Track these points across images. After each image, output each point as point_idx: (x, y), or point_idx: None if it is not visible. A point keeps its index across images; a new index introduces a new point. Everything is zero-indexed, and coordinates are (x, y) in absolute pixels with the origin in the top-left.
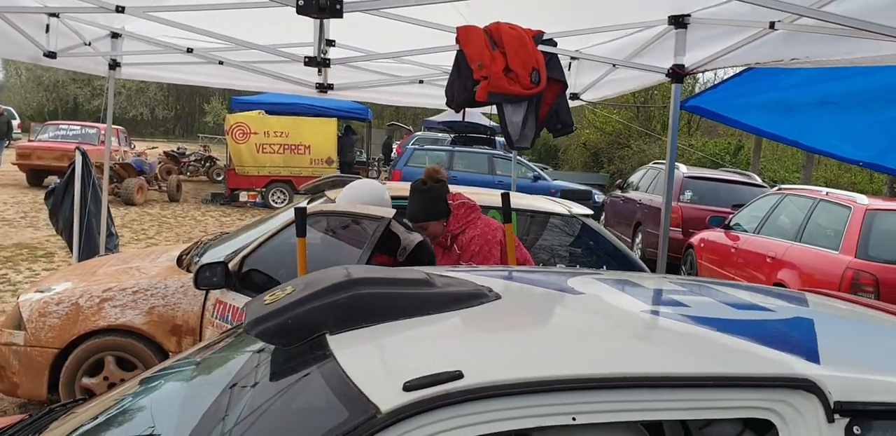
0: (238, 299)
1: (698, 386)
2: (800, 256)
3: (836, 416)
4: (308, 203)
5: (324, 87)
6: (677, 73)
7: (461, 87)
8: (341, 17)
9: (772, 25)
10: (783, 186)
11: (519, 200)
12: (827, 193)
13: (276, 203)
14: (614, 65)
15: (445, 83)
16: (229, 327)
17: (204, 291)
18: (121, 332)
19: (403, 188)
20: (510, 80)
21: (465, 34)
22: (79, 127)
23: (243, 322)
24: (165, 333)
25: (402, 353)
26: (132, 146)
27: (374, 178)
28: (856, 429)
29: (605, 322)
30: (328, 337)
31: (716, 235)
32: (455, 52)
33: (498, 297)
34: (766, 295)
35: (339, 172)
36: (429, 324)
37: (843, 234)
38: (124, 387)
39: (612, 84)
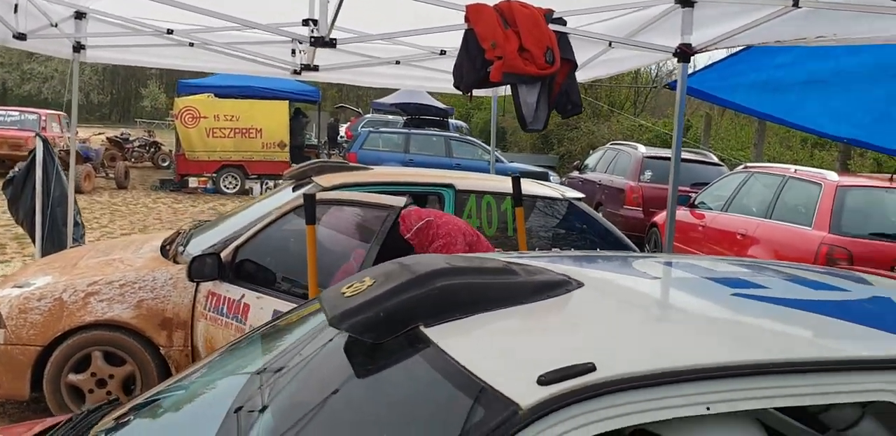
0: (232, 291)
1: (823, 371)
2: (772, 232)
3: None
4: (294, 190)
5: (309, 68)
6: (685, 53)
7: (470, 68)
8: None
9: (796, 3)
10: (749, 163)
11: (507, 185)
12: (795, 171)
13: (228, 189)
14: (610, 43)
15: (432, 64)
16: (224, 319)
17: (194, 283)
18: (108, 326)
19: (389, 174)
20: (525, 61)
21: (475, 12)
22: (17, 113)
23: (325, 316)
24: (155, 326)
25: (516, 345)
26: (75, 133)
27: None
28: None
29: (708, 306)
30: (424, 330)
31: (680, 213)
32: (463, 32)
33: (581, 284)
34: (825, 274)
35: (289, 156)
36: (528, 314)
37: (815, 210)
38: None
39: (605, 64)
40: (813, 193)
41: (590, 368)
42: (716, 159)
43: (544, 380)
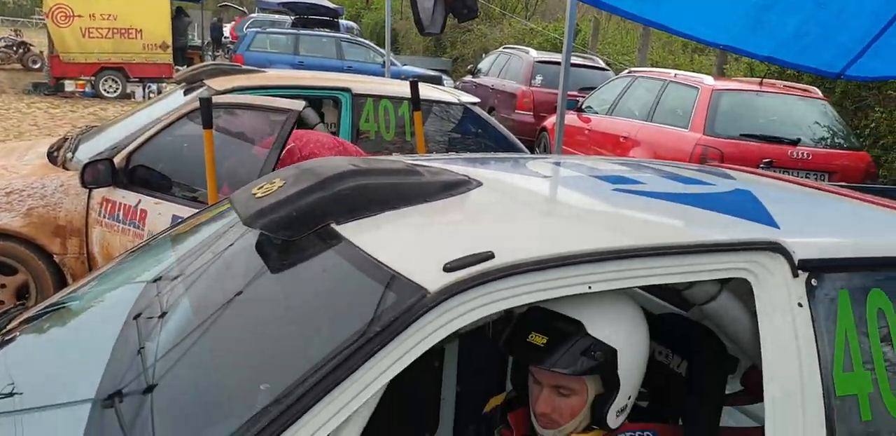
0: (128, 197)
1: (686, 253)
2: (651, 134)
3: (799, 272)
4: (185, 94)
5: None
6: None
7: None
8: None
9: None
10: (633, 68)
11: (405, 89)
12: (675, 75)
13: (108, 93)
14: None
15: None
16: (121, 226)
17: (87, 190)
18: None
19: (284, 77)
20: None
21: None
22: None
23: (238, 216)
24: (48, 234)
25: (423, 238)
26: None
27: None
28: (813, 281)
29: (591, 201)
30: (335, 227)
31: (568, 117)
32: None
33: (480, 183)
34: (696, 170)
35: (172, 58)
36: (432, 211)
37: (691, 113)
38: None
39: None
40: (690, 96)
41: (489, 255)
42: (603, 64)
43: (449, 267)
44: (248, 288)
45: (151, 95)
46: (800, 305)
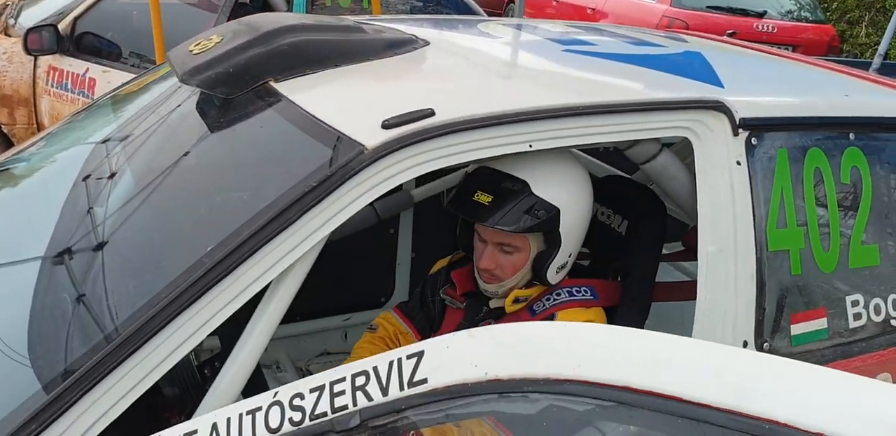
0: (76, 65)
1: (630, 111)
2: (619, 6)
3: (740, 130)
4: None
5: None
6: None
7: None
8: None
9: None
10: None
11: None
12: None
13: None
14: None
15: None
16: (70, 95)
17: (33, 58)
18: None
19: None
20: None
21: None
22: None
23: (175, 73)
24: None
25: (363, 96)
26: None
27: None
28: (753, 140)
29: (539, 61)
30: (274, 84)
31: None
32: None
33: (427, 43)
34: (649, 34)
35: None
36: (374, 69)
37: None
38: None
39: None
40: None
41: (429, 113)
42: None
43: (387, 124)
44: (189, 147)
45: None
46: (738, 163)
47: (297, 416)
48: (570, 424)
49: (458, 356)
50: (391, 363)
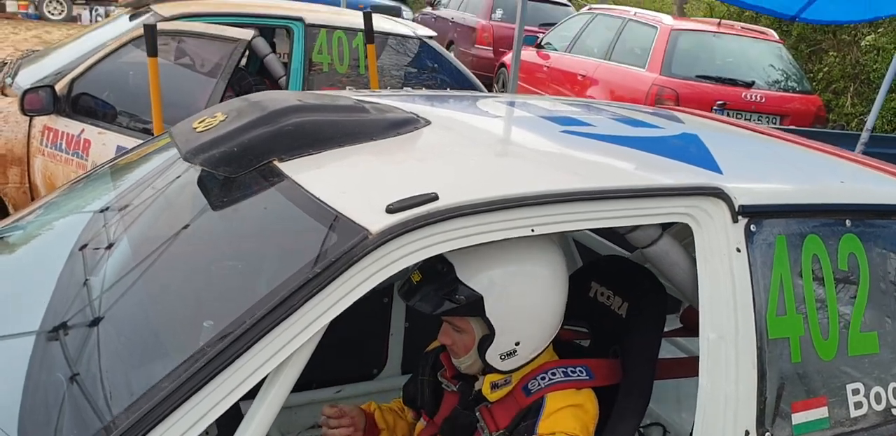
0: (71, 126)
1: (631, 197)
2: (609, 73)
3: (739, 217)
4: (131, 19)
5: None
6: None
7: None
8: None
9: None
10: (594, 6)
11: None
12: (635, 14)
13: (53, 15)
14: None
15: None
16: (64, 155)
17: (28, 118)
18: None
19: (234, 4)
20: None
21: None
22: None
23: (178, 151)
24: None
25: (366, 177)
26: None
27: None
28: (752, 227)
29: (538, 141)
30: (278, 164)
31: (527, 53)
32: None
33: (428, 122)
34: (646, 113)
35: None
36: (377, 149)
37: (649, 52)
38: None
39: None
40: (649, 35)
41: (433, 197)
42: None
43: (392, 208)
44: (191, 224)
45: (99, 19)
46: (738, 250)
47: None
48: None
49: None
50: None
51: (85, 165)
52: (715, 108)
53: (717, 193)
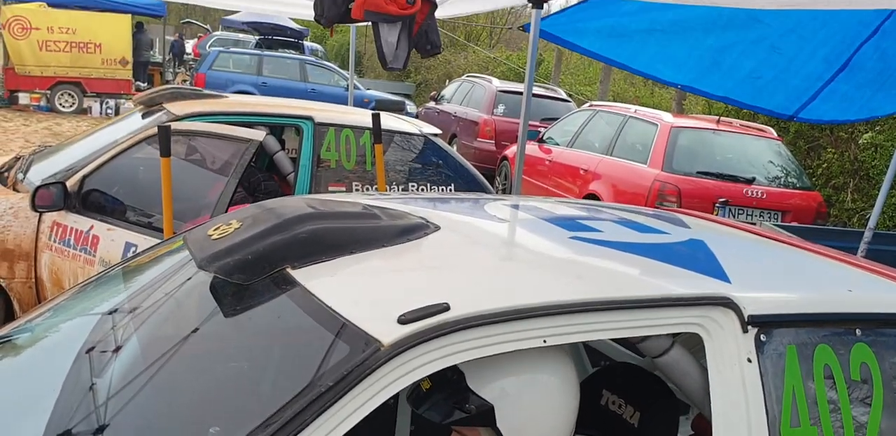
0: (80, 222)
1: (641, 307)
2: (611, 168)
3: (749, 327)
4: (143, 117)
5: None
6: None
7: (332, 3)
8: None
9: None
10: (594, 102)
11: (367, 119)
12: (635, 111)
13: (64, 107)
14: None
15: None
16: (72, 251)
17: (38, 214)
18: None
19: (246, 103)
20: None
21: None
22: None
23: (193, 259)
24: None
25: (378, 286)
26: None
27: (170, 81)
28: (762, 337)
29: (547, 248)
30: (291, 272)
31: (530, 148)
32: None
33: (438, 227)
34: (651, 217)
35: (132, 73)
36: (389, 257)
37: (650, 148)
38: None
39: (463, 4)
40: (650, 132)
41: (444, 308)
42: (564, 95)
43: (404, 319)
44: (201, 329)
45: (109, 112)
46: (749, 360)
47: None
48: None
49: None
50: None
51: (93, 261)
52: (717, 205)
53: (727, 303)
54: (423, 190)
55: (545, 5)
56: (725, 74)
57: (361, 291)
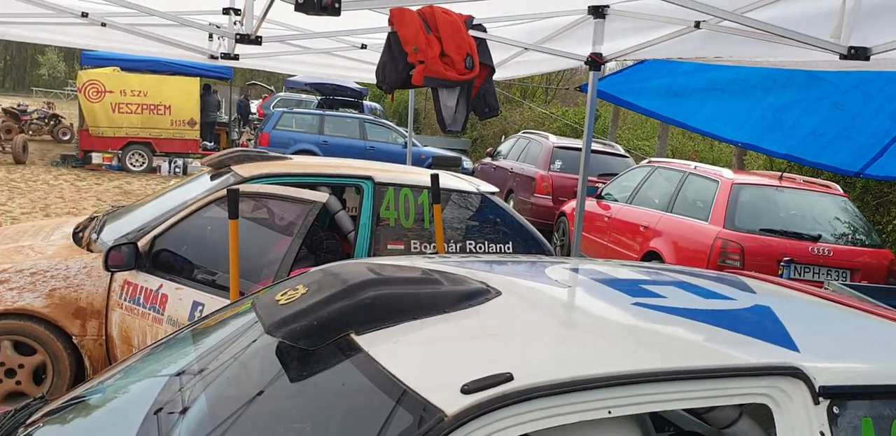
0: (150, 281)
1: (707, 378)
2: (672, 225)
3: (821, 399)
4: (212, 179)
5: (228, 57)
6: (595, 61)
7: (393, 69)
8: (339, 15)
9: (697, 25)
10: (653, 158)
11: (425, 178)
12: (695, 167)
13: (134, 166)
14: (526, 48)
15: (354, 55)
16: (141, 309)
17: (109, 273)
18: (18, 315)
19: (310, 164)
20: (446, 66)
21: (399, 16)
22: None
23: (261, 324)
24: (68, 316)
25: (441, 353)
26: None
27: (235, 140)
28: (835, 409)
29: (610, 315)
30: (355, 337)
31: (588, 204)
32: (387, 34)
33: (499, 293)
34: (715, 281)
35: (199, 133)
36: (451, 323)
37: (711, 205)
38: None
39: (521, 66)
40: (710, 189)
41: (508, 377)
42: (622, 151)
43: (467, 389)
44: (266, 392)
45: (177, 170)
46: (822, 433)
47: None
48: None
49: None
50: None
51: (161, 320)
52: (782, 263)
53: (796, 373)
54: (480, 248)
55: (602, 66)
56: (787, 132)
57: (424, 358)
